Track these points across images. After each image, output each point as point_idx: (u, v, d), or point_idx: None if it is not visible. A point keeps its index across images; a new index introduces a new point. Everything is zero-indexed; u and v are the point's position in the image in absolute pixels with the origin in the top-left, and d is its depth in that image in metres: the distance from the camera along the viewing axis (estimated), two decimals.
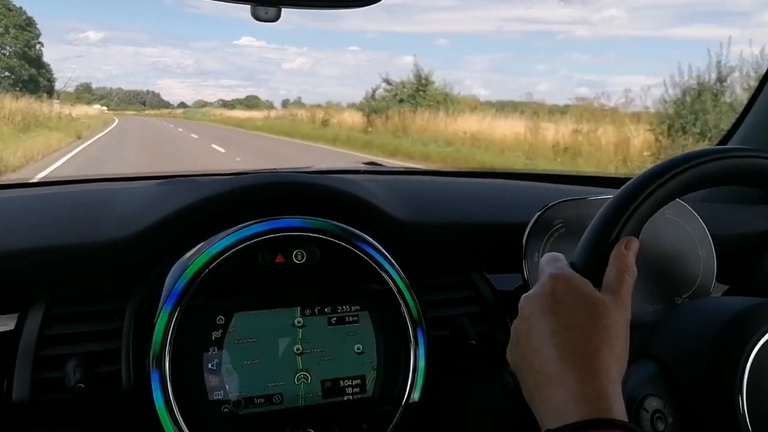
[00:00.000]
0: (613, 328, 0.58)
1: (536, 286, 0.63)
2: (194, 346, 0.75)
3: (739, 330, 0.65)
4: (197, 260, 0.76)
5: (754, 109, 1.17)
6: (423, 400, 0.80)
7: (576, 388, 0.55)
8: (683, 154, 0.69)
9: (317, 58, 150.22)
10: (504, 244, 0.92)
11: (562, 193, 1.00)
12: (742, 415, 0.60)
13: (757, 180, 0.70)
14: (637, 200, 0.65)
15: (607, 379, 0.55)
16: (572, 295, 0.60)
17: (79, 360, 0.75)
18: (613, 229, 0.64)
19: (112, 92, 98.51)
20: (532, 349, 0.59)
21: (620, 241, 0.63)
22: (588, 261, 0.64)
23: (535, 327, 0.60)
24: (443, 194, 1.10)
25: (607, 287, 0.61)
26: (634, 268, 0.63)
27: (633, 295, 0.89)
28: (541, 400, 0.57)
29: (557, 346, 0.57)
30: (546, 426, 0.55)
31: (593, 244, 0.65)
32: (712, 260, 0.95)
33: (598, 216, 0.66)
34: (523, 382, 0.60)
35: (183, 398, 0.73)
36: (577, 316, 0.58)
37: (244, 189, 0.85)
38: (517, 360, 0.61)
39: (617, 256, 0.62)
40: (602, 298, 0.60)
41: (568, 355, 0.56)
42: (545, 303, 0.60)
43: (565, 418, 0.53)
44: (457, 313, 0.90)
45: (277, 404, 0.76)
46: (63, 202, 0.97)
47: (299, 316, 0.79)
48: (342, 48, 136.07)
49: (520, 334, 0.61)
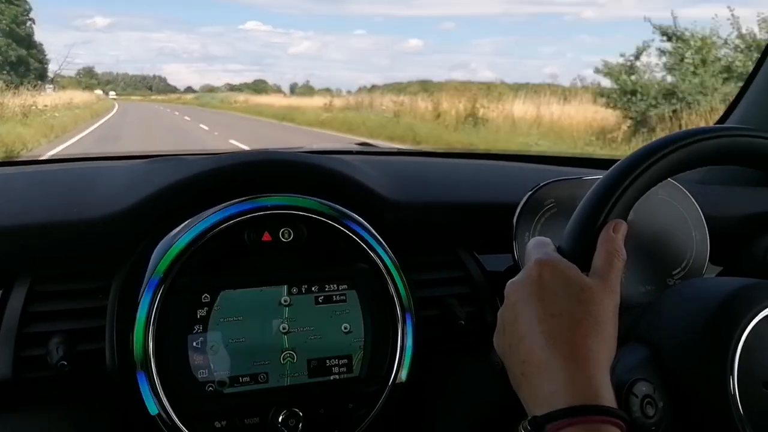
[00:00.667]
0: (602, 315, 0.57)
1: (522, 272, 0.61)
2: (179, 325, 0.74)
3: (730, 312, 0.63)
4: (183, 238, 0.75)
5: (752, 89, 1.16)
6: (410, 380, 0.79)
7: (563, 375, 0.54)
8: (673, 133, 0.67)
9: (323, 42, 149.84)
10: (495, 224, 0.91)
11: (555, 175, 0.99)
12: (733, 397, 0.60)
13: (748, 159, 0.68)
14: (625, 182, 0.63)
15: (596, 366, 0.54)
16: (559, 281, 0.58)
17: (62, 337, 0.75)
18: (601, 212, 0.62)
19: (118, 77, 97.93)
20: (519, 337, 0.58)
21: (608, 224, 0.62)
22: (575, 245, 0.63)
23: (521, 314, 0.58)
24: (435, 175, 1.09)
25: (595, 272, 0.59)
26: (623, 251, 0.61)
27: (624, 276, 0.88)
28: (528, 388, 0.56)
29: (544, 333, 0.56)
30: (533, 413, 0.54)
31: (581, 227, 0.63)
32: (705, 241, 0.95)
33: (585, 199, 0.64)
34: (510, 370, 0.59)
35: (167, 377, 0.72)
36: (564, 302, 0.57)
37: (230, 167, 0.84)
38: (504, 348, 0.60)
39: (605, 240, 0.61)
40: (590, 283, 0.58)
41: (555, 342, 0.55)
42: (531, 289, 0.59)
43: (553, 405, 0.52)
44: (446, 293, 0.89)
45: (262, 383, 0.76)
46: (48, 180, 0.96)
47: (286, 294, 0.78)
48: (348, 32, 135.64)
49: (506, 322, 0.60)
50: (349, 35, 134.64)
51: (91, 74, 75.81)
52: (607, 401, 0.53)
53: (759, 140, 0.67)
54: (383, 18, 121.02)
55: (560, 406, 0.52)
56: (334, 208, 0.80)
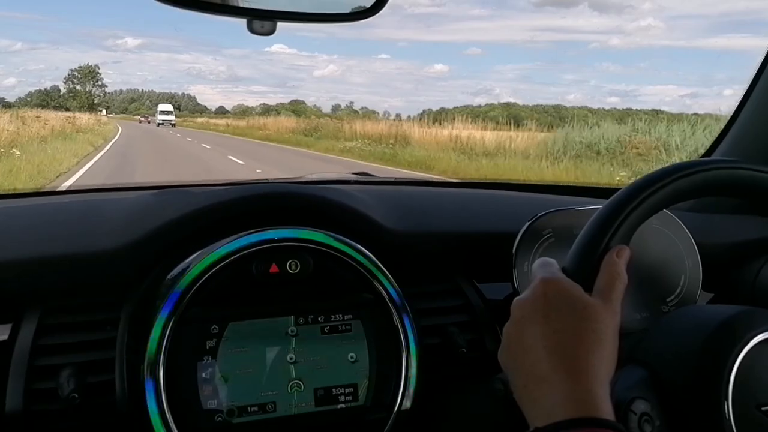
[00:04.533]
0: (603, 332, 0.59)
1: (528, 289, 0.64)
2: (188, 355, 0.75)
3: (726, 337, 0.66)
4: (193, 270, 0.77)
5: (739, 120, 1.20)
6: (415, 408, 0.81)
7: (564, 389, 0.56)
8: (673, 164, 0.70)
9: (347, 65, 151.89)
10: (494, 253, 0.93)
11: (552, 203, 1.01)
12: (727, 419, 0.62)
13: (744, 191, 0.72)
14: (628, 208, 0.67)
15: (596, 381, 0.57)
16: (563, 299, 0.61)
17: (72, 370, 0.76)
18: (605, 236, 0.66)
19: (144, 95, 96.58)
20: (523, 351, 0.60)
21: (612, 248, 0.65)
22: (580, 266, 0.66)
23: (526, 330, 0.61)
24: (434, 204, 1.11)
25: (598, 292, 0.62)
26: (625, 275, 0.64)
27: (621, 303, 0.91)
28: (530, 401, 0.58)
29: (547, 348, 0.59)
30: (534, 425, 0.56)
31: (585, 250, 0.66)
32: (698, 269, 0.97)
33: (590, 223, 0.68)
34: (514, 384, 0.61)
35: (177, 407, 0.73)
36: (568, 319, 0.60)
37: (236, 200, 0.86)
38: (508, 362, 0.62)
39: (609, 263, 0.64)
40: (593, 302, 0.61)
41: (557, 357, 0.58)
42: (537, 306, 0.62)
43: (553, 417, 0.55)
44: (447, 322, 0.91)
45: (270, 413, 0.77)
46: (57, 212, 0.97)
47: (293, 325, 0.80)
48: (372, 56, 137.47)
49: (512, 337, 0.63)
50: (373, 59, 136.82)
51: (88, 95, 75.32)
52: (605, 413, 0.55)
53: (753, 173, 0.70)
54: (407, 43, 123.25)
55: (560, 418, 0.54)
56: (338, 240, 0.82)
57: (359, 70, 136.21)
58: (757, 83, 1.15)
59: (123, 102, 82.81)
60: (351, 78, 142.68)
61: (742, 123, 1.18)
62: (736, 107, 1.19)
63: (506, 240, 0.92)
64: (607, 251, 0.65)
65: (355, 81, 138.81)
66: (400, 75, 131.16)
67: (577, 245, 0.67)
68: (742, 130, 1.19)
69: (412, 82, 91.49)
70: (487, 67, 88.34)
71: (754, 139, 1.17)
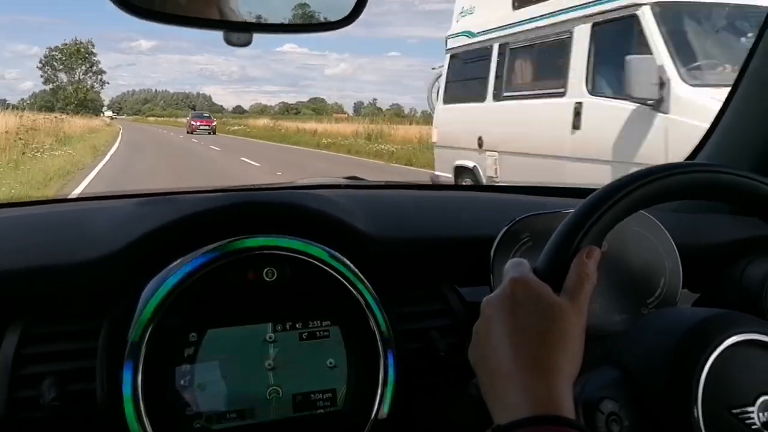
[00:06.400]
0: (568, 332, 0.61)
1: (498, 289, 0.66)
2: (167, 363, 0.76)
3: (698, 340, 0.67)
4: (169, 280, 0.78)
5: (722, 124, 1.20)
6: (393, 413, 0.82)
7: (527, 386, 0.57)
8: (647, 167, 0.71)
9: (359, 63, 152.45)
10: (474, 257, 0.94)
11: (535, 205, 1.02)
12: (696, 421, 0.63)
13: (717, 194, 0.73)
14: (600, 210, 0.68)
15: (558, 379, 0.58)
16: (530, 298, 0.62)
17: (54, 378, 0.77)
18: (576, 237, 0.67)
19: (158, 95, 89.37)
20: (491, 350, 0.62)
21: (582, 249, 0.66)
22: (550, 266, 0.67)
23: (494, 328, 0.62)
24: (417, 208, 1.12)
25: (566, 292, 0.64)
26: (594, 276, 0.65)
27: (600, 305, 0.92)
28: (495, 398, 0.60)
29: (513, 346, 0.60)
30: (497, 422, 0.57)
31: (556, 250, 0.67)
32: (678, 270, 0.98)
33: (562, 225, 0.69)
34: (481, 382, 0.62)
35: (155, 414, 0.74)
36: (534, 318, 0.61)
37: (214, 210, 0.87)
38: (477, 360, 0.64)
39: (578, 264, 0.65)
40: (559, 302, 0.62)
41: (522, 355, 0.59)
42: (504, 305, 0.63)
43: (516, 415, 0.56)
44: (428, 326, 0.92)
45: (248, 419, 0.78)
46: (39, 222, 0.99)
47: (271, 331, 0.81)
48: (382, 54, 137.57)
49: (480, 335, 0.64)
50: (384, 57, 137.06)
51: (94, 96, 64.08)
52: (567, 412, 0.56)
53: (724, 176, 0.71)
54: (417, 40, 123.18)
55: (522, 414, 0.56)
56: (315, 248, 0.83)
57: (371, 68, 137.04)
58: (739, 86, 1.15)
59: (136, 103, 79.45)
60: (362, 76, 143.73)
61: (724, 127, 1.19)
62: (719, 110, 1.19)
63: (486, 244, 0.93)
64: (578, 252, 0.66)
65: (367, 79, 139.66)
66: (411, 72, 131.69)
67: (548, 246, 0.69)
68: (724, 133, 1.19)
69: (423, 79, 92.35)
70: None
71: (736, 143, 1.17)
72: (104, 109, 65.18)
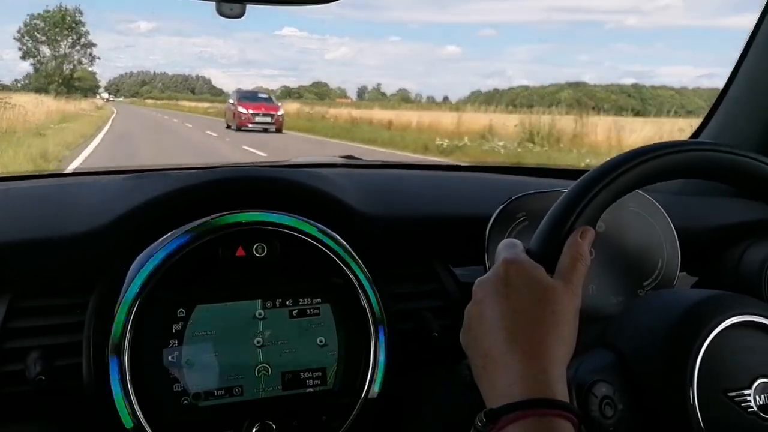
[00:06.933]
0: (562, 314, 0.59)
1: (490, 270, 0.64)
2: (154, 339, 0.75)
3: (693, 321, 0.65)
4: (158, 254, 0.76)
5: (724, 104, 1.18)
6: (383, 393, 0.81)
7: (520, 369, 0.56)
8: (643, 146, 0.69)
9: (359, 48, 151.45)
10: (469, 236, 0.93)
11: (530, 186, 1.01)
12: (691, 404, 0.61)
13: (712, 173, 0.71)
14: (593, 190, 0.66)
15: (552, 362, 0.57)
16: (523, 280, 0.61)
17: (40, 352, 0.76)
18: (569, 218, 0.65)
19: (156, 77, 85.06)
20: (483, 332, 0.60)
21: (576, 230, 0.64)
22: (543, 247, 0.65)
23: (486, 310, 0.61)
24: (412, 187, 1.10)
25: (560, 274, 0.62)
26: (588, 257, 0.64)
27: (597, 287, 0.91)
28: (487, 382, 0.58)
29: (506, 329, 0.58)
30: (490, 406, 0.56)
31: (549, 231, 0.66)
32: (676, 252, 0.96)
33: (555, 205, 0.67)
34: (473, 364, 0.61)
35: (142, 390, 0.73)
36: (527, 300, 0.60)
37: (205, 184, 0.85)
38: (469, 342, 0.62)
39: (572, 244, 0.64)
40: (553, 283, 0.61)
41: (515, 338, 0.58)
42: (497, 287, 0.61)
43: (508, 398, 0.55)
44: (421, 306, 0.91)
45: (237, 396, 0.77)
46: (28, 196, 0.97)
47: (260, 308, 0.79)
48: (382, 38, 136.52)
49: (473, 318, 0.62)
50: (385, 41, 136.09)
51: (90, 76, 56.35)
52: (560, 395, 0.55)
53: (720, 155, 0.69)
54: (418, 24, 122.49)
55: (514, 398, 0.54)
56: (306, 224, 0.82)
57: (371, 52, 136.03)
58: (742, 65, 1.13)
59: (134, 85, 77.40)
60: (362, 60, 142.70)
61: (726, 106, 1.17)
62: (721, 90, 1.17)
63: (481, 223, 0.91)
64: (571, 232, 0.64)
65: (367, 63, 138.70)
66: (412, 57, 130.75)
67: (542, 226, 0.67)
68: (726, 113, 1.17)
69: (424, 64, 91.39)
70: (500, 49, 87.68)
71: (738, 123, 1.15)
72: (100, 91, 60.25)
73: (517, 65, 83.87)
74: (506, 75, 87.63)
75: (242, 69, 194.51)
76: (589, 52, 69.17)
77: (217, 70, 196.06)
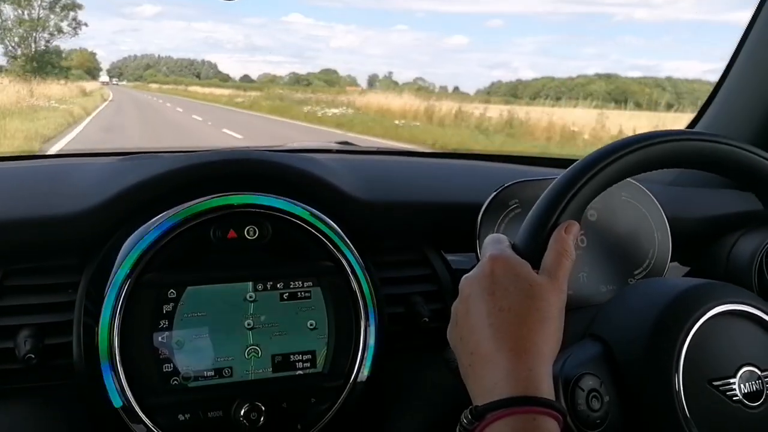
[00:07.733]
0: (548, 311, 0.59)
1: (476, 267, 0.64)
2: (145, 319, 0.75)
3: (678, 310, 0.65)
4: (149, 234, 0.77)
5: (720, 93, 1.18)
6: (372, 376, 0.81)
7: (506, 367, 0.56)
8: (627, 137, 0.69)
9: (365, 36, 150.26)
10: (461, 223, 0.93)
11: (524, 174, 1.00)
12: (677, 394, 0.61)
13: (698, 162, 0.70)
14: (578, 183, 0.65)
15: (538, 359, 0.56)
16: (509, 277, 0.60)
17: (31, 331, 0.76)
18: (554, 212, 0.64)
19: (161, 61, 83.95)
20: (469, 330, 0.60)
21: (560, 224, 0.64)
22: (528, 243, 0.65)
23: (472, 307, 0.61)
24: (406, 174, 1.10)
25: (545, 270, 0.62)
26: (573, 252, 0.63)
27: (586, 276, 0.91)
28: (474, 379, 0.58)
29: (492, 326, 0.58)
30: (476, 403, 0.56)
31: (534, 226, 0.65)
32: (667, 242, 0.96)
33: (540, 199, 0.66)
34: (460, 362, 0.61)
35: (132, 370, 0.74)
36: (513, 297, 0.59)
37: (197, 166, 0.85)
38: (456, 340, 0.62)
39: (557, 240, 0.63)
40: (539, 280, 0.60)
41: (501, 335, 0.57)
42: (483, 284, 0.61)
43: (495, 395, 0.55)
44: (412, 291, 0.91)
45: (226, 377, 0.77)
46: (21, 175, 0.97)
47: (251, 290, 0.80)
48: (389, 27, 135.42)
49: (459, 315, 0.62)
50: (390, 30, 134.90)
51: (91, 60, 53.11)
52: (546, 392, 0.55)
53: (707, 144, 0.69)
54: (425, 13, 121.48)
55: (501, 395, 0.54)
56: (297, 207, 0.82)
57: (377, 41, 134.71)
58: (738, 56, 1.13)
59: (138, 68, 76.03)
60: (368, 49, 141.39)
61: (722, 97, 1.17)
62: (717, 81, 1.17)
63: (473, 210, 0.91)
64: (556, 227, 0.64)
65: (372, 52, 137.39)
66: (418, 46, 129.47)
67: (527, 222, 0.66)
68: (722, 104, 1.17)
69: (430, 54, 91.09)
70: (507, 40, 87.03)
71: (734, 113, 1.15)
72: (101, 74, 57.92)
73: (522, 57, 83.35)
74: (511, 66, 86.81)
75: (248, 54, 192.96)
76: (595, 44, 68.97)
77: (223, 55, 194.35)
